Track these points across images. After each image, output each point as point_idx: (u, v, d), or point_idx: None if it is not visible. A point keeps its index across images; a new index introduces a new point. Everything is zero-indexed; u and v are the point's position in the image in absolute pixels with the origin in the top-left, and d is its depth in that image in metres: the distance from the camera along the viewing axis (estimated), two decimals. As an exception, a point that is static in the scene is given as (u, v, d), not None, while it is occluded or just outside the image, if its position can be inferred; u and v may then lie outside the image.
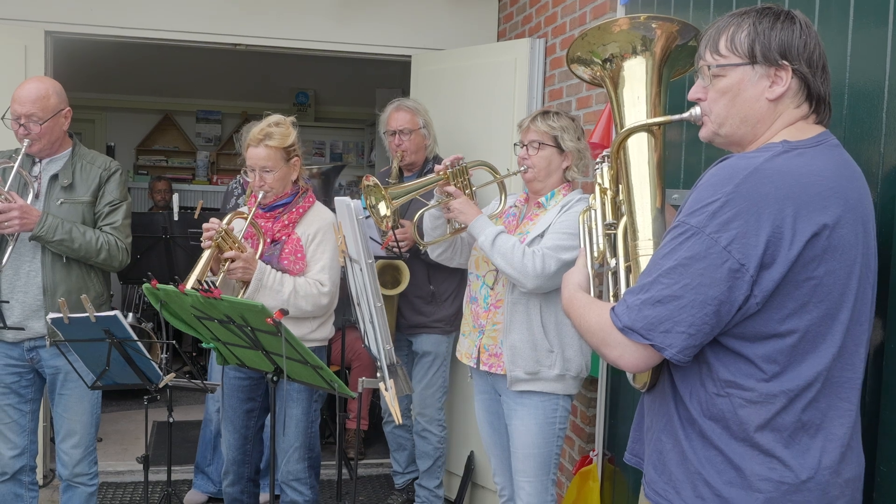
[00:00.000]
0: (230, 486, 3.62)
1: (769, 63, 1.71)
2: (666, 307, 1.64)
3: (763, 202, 1.58)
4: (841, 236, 1.62)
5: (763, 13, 1.73)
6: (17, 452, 3.42)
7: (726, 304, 1.61)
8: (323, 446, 5.30)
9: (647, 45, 2.06)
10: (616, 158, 2.03)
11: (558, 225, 2.92)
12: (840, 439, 1.68)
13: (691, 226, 1.63)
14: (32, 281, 3.31)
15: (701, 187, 1.67)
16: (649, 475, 1.84)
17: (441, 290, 4.11)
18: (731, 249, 1.59)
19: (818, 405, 1.67)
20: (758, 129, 1.75)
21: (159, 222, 5.70)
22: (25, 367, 3.39)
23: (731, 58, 1.73)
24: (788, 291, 1.61)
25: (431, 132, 4.18)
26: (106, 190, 3.40)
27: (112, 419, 5.73)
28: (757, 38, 1.71)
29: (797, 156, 1.65)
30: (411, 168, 4.16)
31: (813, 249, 1.60)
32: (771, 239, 1.58)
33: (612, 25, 2.09)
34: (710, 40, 1.77)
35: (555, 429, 3.02)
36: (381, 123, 4.22)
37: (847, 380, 1.69)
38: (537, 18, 4.42)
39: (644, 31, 2.06)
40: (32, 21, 4.54)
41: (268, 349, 2.84)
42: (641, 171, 1.97)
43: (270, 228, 3.37)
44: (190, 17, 4.76)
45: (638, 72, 2.06)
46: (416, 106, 4.17)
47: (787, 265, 1.59)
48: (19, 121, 3.25)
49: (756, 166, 1.62)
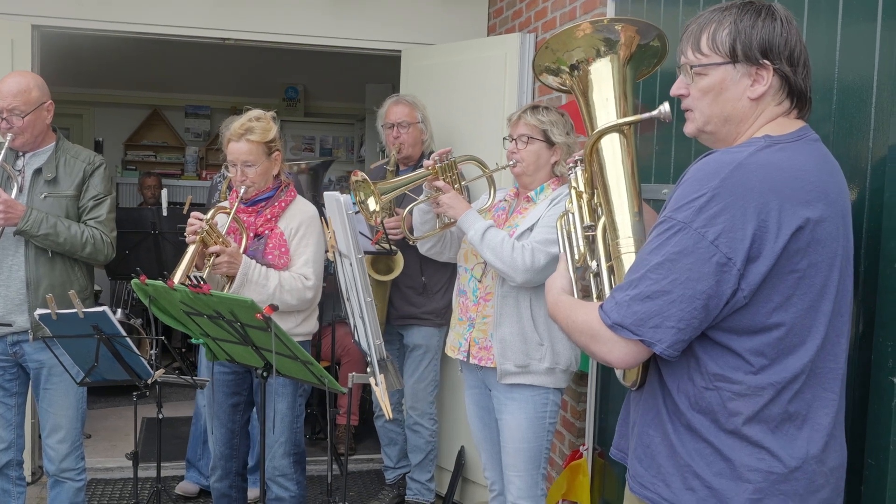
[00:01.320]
0: (218, 481, 3.61)
1: (750, 62, 1.72)
2: (655, 302, 1.64)
3: (748, 196, 1.59)
4: (823, 230, 1.64)
5: (744, 9, 1.73)
6: (3, 447, 3.41)
7: (714, 298, 1.62)
8: (313, 442, 5.31)
9: (612, 47, 2.08)
10: (590, 161, 2.05)
11: (547, 219, 2.91)
12: (825, 429, 1.70)
13: (678, 221, 1.64)
14: (15, 275, 3.30)
15: (686, 182, 1.68)
16: (634, 469, 1.85)
17: (433, 282, 4.11)
18: (718, 244, 1.60)
19: (804, 396, 1.68)
20: (740, 127, 1.77)
21: (148, 218, 5.69)
22: (9, 361, 3.38)
23: (713, 57, 1.74)
24: (774, 284, 1.63)
25: (428, 128, 4.22)
26: (90, 184, 3.39)
27: (101, 415, 5.71)
28: (738, 37, 1.71)
29: (779, 150, 1.67)
30: (407, 162, 4.17)
31: (797, 243, 1.61)
32: (757, 232, 1.59)
33: (575, 31, 2.11)
34: (692, 37, 1.78)
35: (545, 423, 3.02)
36: (379, 117, 4.24)
37: (830, 370, 1.71)
38: (527, 13, 4.42)
39: (607, 33, 2.08)
40: (19, 15, 4.50)
41: (257, 345, 2.83)
42: (616, 170, 1.99)
43: (253, 223, 3.35)
44: (179, 12, 4.73)
45: (604, 73, 2.08)
46: (415, 101, 4.22)
47: (773, 258, 1.60)
48: (1, 115, 3.24)
49: (740, 161, 1.63)
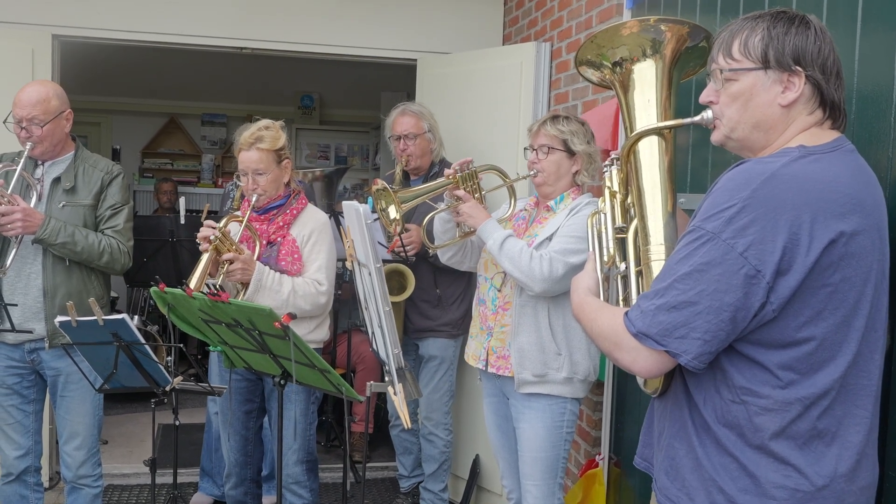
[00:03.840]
0: (233, 488, 3.63)
1: (782, 68, 1.68)
2: (681, 313, 1.62)
3: (780, 208, 1.56)
4: (858, 243, 1.60)
5: (777, 17, 1.71)
6: (21, 453, 3.43)
7: (742, 311, 1.59)
8: (328, 450, 5.32)
9: (657, 48, 2.04)
10: (626, 162, 2.01)
11: (566, 228, 2.92)
12: (856, 447, 1.67)
13: (707, 231, 1.61)
14: (33, 283, 3.32)
15: (717, 192, 1.64)
16: (661, 482, 1.83)
17: (447, 294, 4.11)
18: (747, 255, 1.56)
19: (834, 413, 1.65)
20: (770, 135, 1.73)
21: (166, 225, 5.72)
22: (27, 368, 3.40)
23: (744, 62, 1.71)
24: (805, 298, 1.59)
25: (437, 136, 4.16)
26: (108, 193, 3.41)
27: (117, 422, 5.73)
28: (771, 43, 1.68)
29: (814, 161, 1.63)
30: (417, 172, 4.16)
31: (830, 256, 1.58)
32: (787, 245, 1.56)
33: (621, 28, 2.07)
34: (724, 44, 1.75)
35: (562, 432, 3.02)
36: (387, 128, 4.21)
37: (863, 387, 1.67)
38: (543, 22, 4.42)
39: (654, 33, 2.04)
40: (40, 25, 4.54)
41: (275, 353, 2.84)
42: (653, 174, 1.96)
43: (266, 231, 3.38)
44: (196, 21, 4.77)
45: (648, 75, 2.05)
46: (421, 110, 4.15)
47: (804, 272, 1.57)
48: (21, 124, 3.26)
49: (773, 171, 1.59)
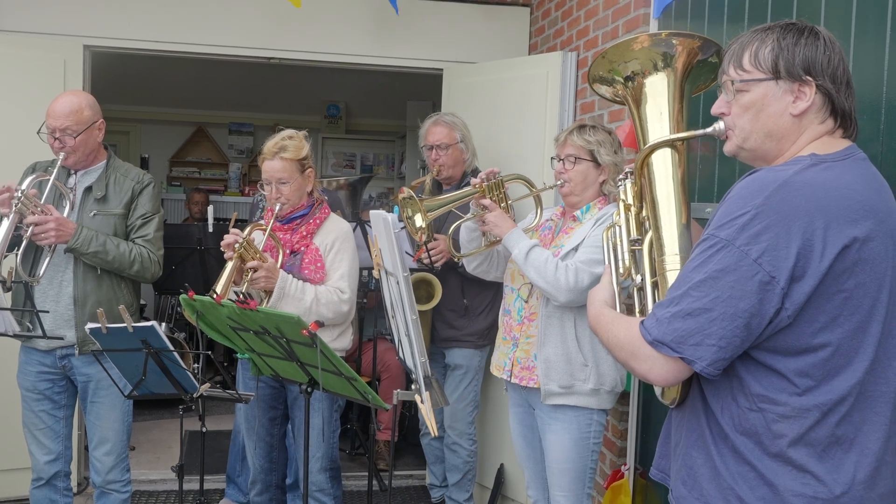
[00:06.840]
0: (258, 495, 3.65)
1: (793, 78, 1.71)
2: (696, 320, 1.63)
3: (793, 215, 1.58)
4: (871, 249, 1.61)
5: (787, 29, 1.73)
6: (51, 458, 3.47)
7: (757, 317, 1.61)
8: (352, 457, 5.33)
9: (669, 62, 2.07)
10: (640, 175, 2.04)
11: (592, 239, 2.91)
12: (875, 454, 1.67)
13: (721, 238, 1.63)
14: (64, 291, 3.36)
15: (730, 200, 1.67)
16: (678, 490, 1.84)
17: (475, 304, 4.11)
18: (761, 262, 1.58)
19: (852, 419, 1.65)
20: (782, 144, 1.75)
21: (194, 234, 5.78)
22: (58, 374, 3.44)
23: (755, 73, 1.74)
24: (820, 304, 1.61)
25: (470, 146, 4.16)
26: (138, 202, 3.45)
27: (144, 428, 5.78)
28: (781, 54, 1.71)
29: (825, 169, 1.65)
30: (449, 181, 4.17)
31: (843, 262, 1.59)
32: (801, 251, 1.57)
33: (632, 43, 2.10)
34: (734, 55, 1.77)
35: (589, 443, 3.01)
36: (420, 137, 4.24)
37: (881, 393, 1.68)
38: (569, 32, 4.43)
39: (665, 47, 2.07)
40: (71, 35, 4.61)
41: (302, 360, 2.86)
42: (667, 186, 1.98)
43: (289, 240, 3.41)
44: (225, 32, 4.82)
45: (660, 88, 2.07)
46: (454, 120, 4.16)
47: (819, 278, 1.58)
48: (54, 134, 3.31)
49: (785, 179, 1.62)
